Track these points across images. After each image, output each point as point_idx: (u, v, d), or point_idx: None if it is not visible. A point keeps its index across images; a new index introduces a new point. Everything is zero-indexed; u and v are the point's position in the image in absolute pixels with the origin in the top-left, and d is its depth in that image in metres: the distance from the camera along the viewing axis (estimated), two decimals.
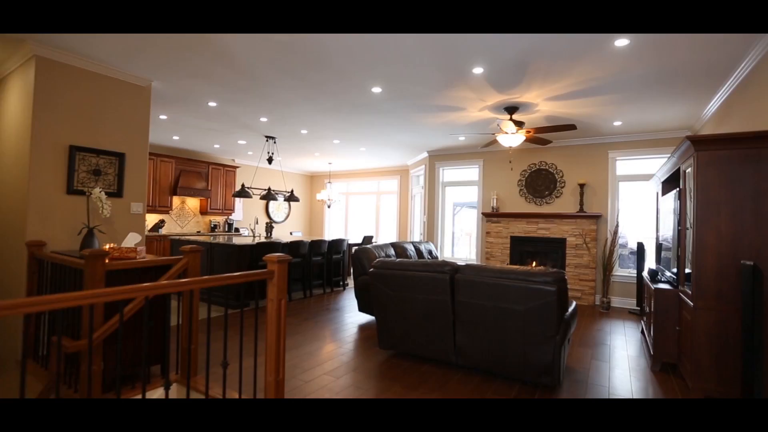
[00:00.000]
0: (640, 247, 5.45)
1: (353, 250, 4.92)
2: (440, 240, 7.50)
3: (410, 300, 3.26)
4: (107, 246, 2.87)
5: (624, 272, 5.84)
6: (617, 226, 5.72)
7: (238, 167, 8.52)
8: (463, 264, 3.19)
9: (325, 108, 4.82)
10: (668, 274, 3.81)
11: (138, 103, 3.97)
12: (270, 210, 9.81)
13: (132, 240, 3.00)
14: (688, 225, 3.16)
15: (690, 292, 2.87)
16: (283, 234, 10.01)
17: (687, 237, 3.16)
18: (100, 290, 1.60)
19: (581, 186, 5.99)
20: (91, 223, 3.50)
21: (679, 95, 4.06)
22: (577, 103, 4.38)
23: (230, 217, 8.48)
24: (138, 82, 3.94)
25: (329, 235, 10.72)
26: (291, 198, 6.93)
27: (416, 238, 8.49)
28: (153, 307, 2.76)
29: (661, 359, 3.35)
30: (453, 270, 3.15)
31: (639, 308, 5.41)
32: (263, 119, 5.40)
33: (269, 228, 6.48)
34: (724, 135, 2.69)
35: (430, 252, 6.19)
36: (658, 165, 5.64)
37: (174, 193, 7.28)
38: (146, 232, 6.92)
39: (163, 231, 7.21)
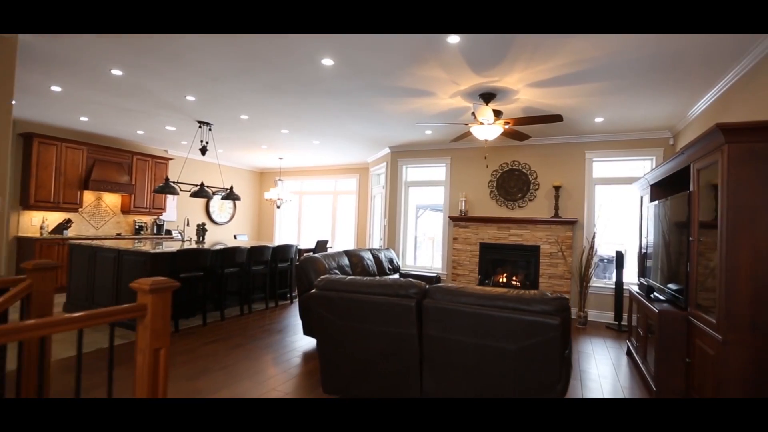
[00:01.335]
0: (619, 255, 5.00)
1: (301, 258, 4.05)
2: (402, 246, 6.77)
3: (363, 332, 2.46)
4: None
5: (600, 283, 5.38)
6: (595, 233, 5.25)
7: (171, 159, 7.34)
8: (434, 285, 2.44)
9: (264, 84, 3.92)
10: (661, 287, 3.30)
11: None
12: (211, 210, 8.65)
13: None
14: (700, 236, 2.62)
15: (714, 321, 2.29)
16: (226, 237, 8.88)
17: (697, 249, 2.63)
18: None
19: (556, 189, 5.47)
20: None
21: (673, 87, 3.58)
22: (562, 91, 3.80)
23: (160, 217, 7.27)
24: None
25: (280, 239, 9.68)
26: (230, 196, 5.93)
27: (376, 242, 7.71)
28: None
29: (664, 396, 2.78)
30: (420, 293, 2.39)
31: (617, 323, 4.96)
32: (190, 98, 4.40)
33: (201, 231, 5.43)
34: None
35: (391, 261, 5.43)
36: (634, 168, 5.27)
37: (86, 187, 6.02)
38: (47, 235, 5.66)
39: (71, 233, 5.94)
